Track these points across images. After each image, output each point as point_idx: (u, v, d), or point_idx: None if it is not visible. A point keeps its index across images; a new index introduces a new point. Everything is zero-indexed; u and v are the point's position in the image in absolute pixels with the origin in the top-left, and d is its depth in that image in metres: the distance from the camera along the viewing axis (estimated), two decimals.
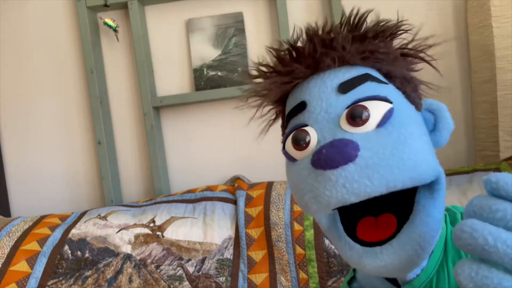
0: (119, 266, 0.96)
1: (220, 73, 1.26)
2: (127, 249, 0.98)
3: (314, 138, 0.36)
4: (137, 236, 1.00)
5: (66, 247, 0.99)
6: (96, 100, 1.26)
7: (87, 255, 0.98)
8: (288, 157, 0.38)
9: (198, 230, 1.01)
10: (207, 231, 1.00)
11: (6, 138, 1.37)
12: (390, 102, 0.35)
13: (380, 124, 0.34)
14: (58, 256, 0.98)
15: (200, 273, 0.95)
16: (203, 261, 0.96)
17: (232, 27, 1.27)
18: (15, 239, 1.00)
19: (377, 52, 0.38)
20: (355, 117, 0.34)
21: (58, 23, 1.34)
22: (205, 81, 1.27)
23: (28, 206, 1.36)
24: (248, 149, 1.29)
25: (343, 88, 0.36)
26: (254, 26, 1.29)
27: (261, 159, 1.29)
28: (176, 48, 1.31)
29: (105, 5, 1.24)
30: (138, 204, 1.14)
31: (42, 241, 1.00)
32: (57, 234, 1.02)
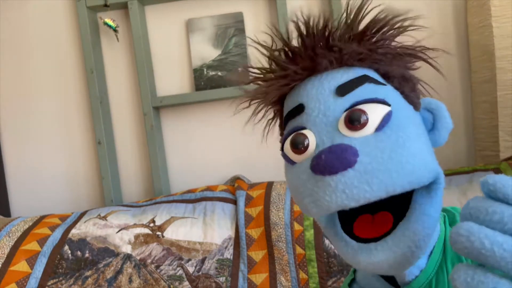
0: (119, 266, 0.96)
1: (220, 73, 1.26)
2: (127, 249, 0.98)
3: (312, 141, 0.36)
4: (137, 236, 1.00)
5: (66, 247, 0.99)
6: (96, 100, 1.26)
7: (87, 255, 0.98)
8: (287, 159, 0.38)
9: (198, 230, 1.01)
10: (207, 231, 1.00)
11: (6, 138, 1.37)
12: (389, 105, 0.35)
13: (379, 128, 0.34)
14: (58, 256, 0.98)
15: (200, 273, 0.95)
16: (203, 261, 0.96)
17: (232, 27, 1.27)
18: (15, 239, 1.00)
19: (375, 53, 0.38)
20: (353, 121, 0.34)
21: (58, 23, 1.34)
22: (205, 81, 1.26)
23: (28, 206, 1.37)
24: (248, 149, 1.29)
25: (341, 90, 0.36)
26: (254, 26, 1.29)
27: (261, 159, 1.29)
28: (176, 48, 1.31)
29: (105, 5, 1.24)
30: (138, 204, 1.14)
31: (42, 241, 1.00)
32: (57, 234, 1.02)
